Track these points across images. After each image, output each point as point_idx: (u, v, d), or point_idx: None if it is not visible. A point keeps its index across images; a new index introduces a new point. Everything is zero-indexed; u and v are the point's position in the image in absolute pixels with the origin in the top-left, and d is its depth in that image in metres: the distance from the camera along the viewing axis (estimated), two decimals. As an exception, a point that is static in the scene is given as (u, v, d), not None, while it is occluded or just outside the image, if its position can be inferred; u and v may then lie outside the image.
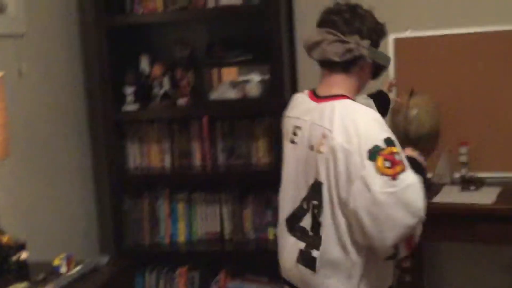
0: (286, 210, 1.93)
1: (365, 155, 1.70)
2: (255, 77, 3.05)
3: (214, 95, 3.09)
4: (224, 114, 3.12)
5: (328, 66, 1.86)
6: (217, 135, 3.15)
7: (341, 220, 1.78)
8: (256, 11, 2.96)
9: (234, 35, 3.12)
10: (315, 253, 1.82)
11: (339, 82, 1.86)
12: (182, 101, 3.08)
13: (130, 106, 3.10)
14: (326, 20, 1.85)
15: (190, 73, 3.09)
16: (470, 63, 2.86)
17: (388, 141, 1.73)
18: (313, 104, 1.87)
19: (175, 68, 3.11)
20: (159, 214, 3.22)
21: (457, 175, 2.82)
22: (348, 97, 1.83)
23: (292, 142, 1.91)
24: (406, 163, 1.75)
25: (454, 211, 2.53)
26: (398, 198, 1.69)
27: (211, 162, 3.14)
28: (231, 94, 3.05)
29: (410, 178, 1.72)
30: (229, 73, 3.08)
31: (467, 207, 2.51)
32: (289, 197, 1.92)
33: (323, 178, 1.79)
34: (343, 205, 1.77)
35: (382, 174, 1.69)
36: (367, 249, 1.79)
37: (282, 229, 1.95)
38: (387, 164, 1.69)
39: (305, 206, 1.86)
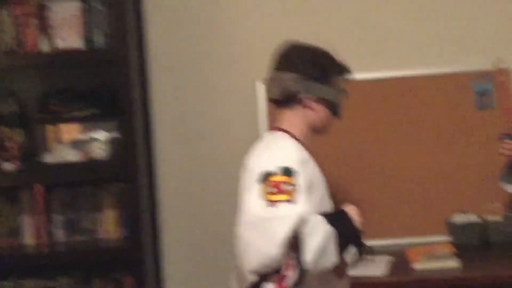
0: None
1: (257, 176, 1.85)
2: (102, 135, 2.91)
3: (51, 158, 2.90)
4: (63, 181, 2.93)
5: (276, 104, 2.05)
6: (54, 206, 2.95)
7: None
8: (101, 56, 2.81)
9: (75, 85, 2.95)
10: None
11: (284, 119, 2.03)
12: (8, 166, 2.87)
13: None
14: (273, 61, 2.04)
15: (19, 132, 2.92)
16: (359, 114, 2.85)
17: (286, 170, 1.83)
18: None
19: (-1, 126, 2.90)
20: (-21, 308, 2.89)
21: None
22: (286, 131, 1.98)
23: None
24: (297, 196, 1.81)
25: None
26: (265, 225, 1.79)
27: (47, 240, 2.92)
28: (72, 156, 2.89)
29: (289, 211, 1.79)
30: (70, 131, 2.91)
31: (356, 281, 2.43)
32: None
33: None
34: None
35: (263, 198, 1.81)
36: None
37: None
38: (272, 190, 1.81)
39: None
